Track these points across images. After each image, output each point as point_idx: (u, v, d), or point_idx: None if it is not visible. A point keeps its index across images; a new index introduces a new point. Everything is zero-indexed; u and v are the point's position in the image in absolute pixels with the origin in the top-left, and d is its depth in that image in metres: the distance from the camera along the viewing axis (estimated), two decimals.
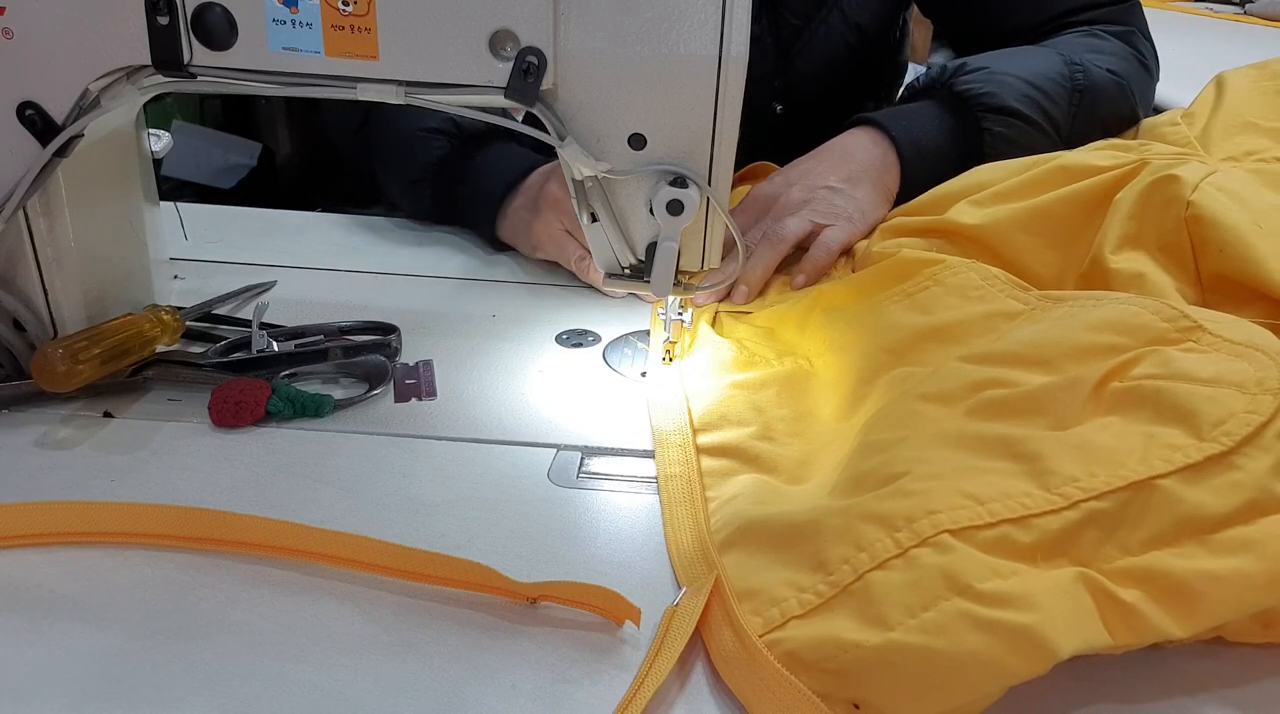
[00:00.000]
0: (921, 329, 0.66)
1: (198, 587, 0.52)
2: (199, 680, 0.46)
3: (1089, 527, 0.47)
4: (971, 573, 0.45)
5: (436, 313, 0.82)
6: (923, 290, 0.70)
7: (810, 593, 0.48)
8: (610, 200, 0.64)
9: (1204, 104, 0.88)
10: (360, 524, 0.56)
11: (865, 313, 0.72)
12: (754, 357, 0.73)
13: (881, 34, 1.12)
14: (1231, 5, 2.03)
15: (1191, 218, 0.68)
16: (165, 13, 0.59)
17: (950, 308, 0.67)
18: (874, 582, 0.46)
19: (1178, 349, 0.54)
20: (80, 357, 0.64)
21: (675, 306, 0.73)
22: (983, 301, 0.66)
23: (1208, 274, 0.68)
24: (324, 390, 0.69)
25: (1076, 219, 0.74)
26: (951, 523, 0.47)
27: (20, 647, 0.48)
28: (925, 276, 0.71)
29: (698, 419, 0.65)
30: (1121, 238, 0.71)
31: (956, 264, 0.71)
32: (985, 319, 0.65)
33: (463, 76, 0.60)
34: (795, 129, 1.06)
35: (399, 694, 0.46)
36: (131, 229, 0.75)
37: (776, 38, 1.06)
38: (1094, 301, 0.61)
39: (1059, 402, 0.54)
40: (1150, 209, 0.70)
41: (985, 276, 0.68)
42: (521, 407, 0.69)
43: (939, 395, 0.58)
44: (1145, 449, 0.49)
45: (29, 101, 0.62)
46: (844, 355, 0.70)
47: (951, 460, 0.52)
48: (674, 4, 0.58)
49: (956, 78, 0.90)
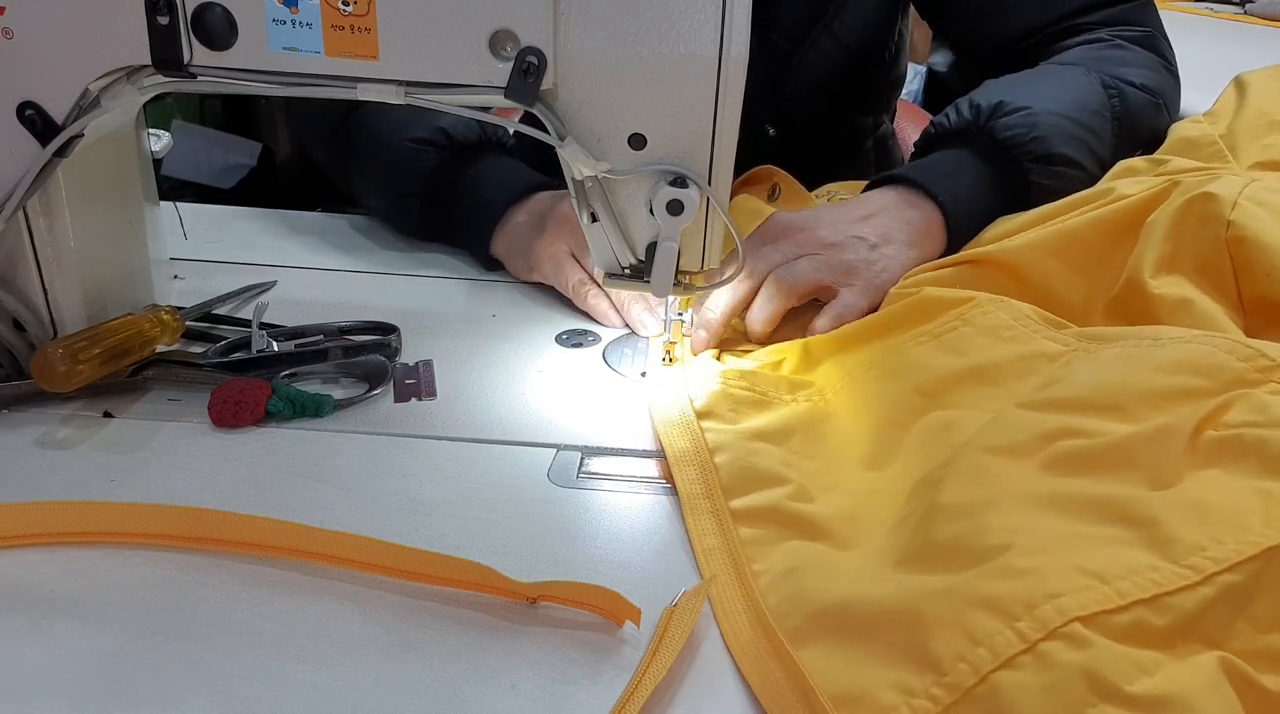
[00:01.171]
0: (956, 371, 0.62)
1: (198, 587, 0.52)
2: (199, 680, 0.46)
3: (1222, 603, 0.42)
4: (1116, 671, 0.40)
5: (436, 313, 0.82)
6: (950, 331, 0.66)
7: (924, 698, 0.42)
8: (610, 200, 0.64)
9: (1226, 105, 0.85)
10: (360, 524, 0.56)
11: (886, 353, 0.67)
12: (765, 396, 0.67)
13: (874, 52, 1.08)
14: (1231, 5, 2.03)
15: (1234, 239, 0.64)
16: (165, 13, 0.59)
17: (983, 349, 0.63)
18: (1003, 685, 0.40)
19: (1265, 391, 0.50)
20: (80, 357, 0.64)
21: (675, 307, 0.72)
22: (1016, 342, 0.63)
23: (1251, 297, 0.64)
24: (324, 390, 0.69)
25: (1104, 242, 0.70)
26: (1080, 609, 0.41)
27: (20, 647, 0.48)
28: (952, 316, 0.67)
29: (723, 478, 0.59)
30: (1159, 261, 0.66)
31: (985, 302, 0.66)
32: (1023, 361, 0.61)
33: (463, 76, 0.60)
34: (789, 152, 1.03)
35: (399, 694, 0.46)
36: (131, 229, 0.75)
37: (766, 61, 1.02)
38: (1152, 341, 0.57)
39: (1149, 453, 0.49)
40: (1186, 229, 0.66)
41: (1016, 316, 0.65)
42: (521, 407, 0.69)
43: (1008, 448, 0.52)
44: (1266, 509, 0.44)
45: (29, 101, 0.62)
46: (866, 393, 0.65)
47: (1055, 528, 0.46)
48: (674, 4, 0.58)
49: (995, 120, 0.81)
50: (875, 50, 1.08)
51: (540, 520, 0.58)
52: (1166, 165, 0.76)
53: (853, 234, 0.78)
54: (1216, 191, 0.66)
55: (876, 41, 1.08)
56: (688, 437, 0.62)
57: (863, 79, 1.09)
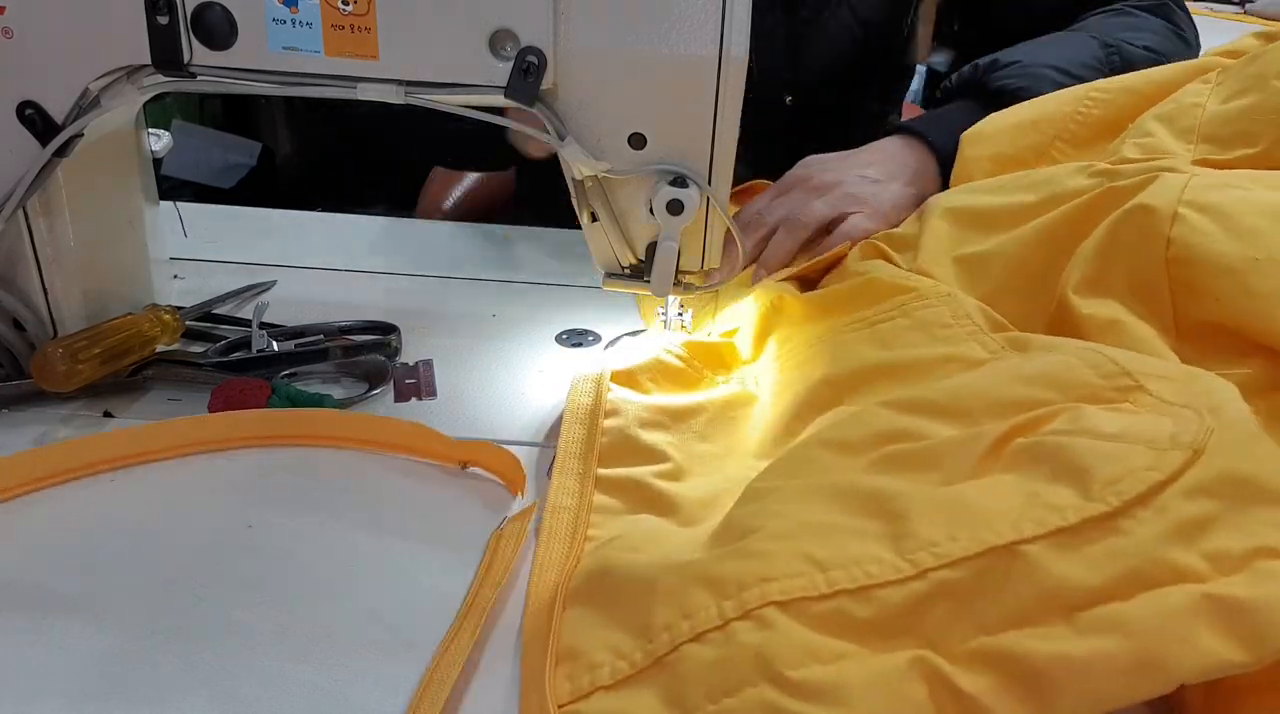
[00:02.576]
0: (872, 365, 0.61)
1: (198, 586, 0.52)
2: (199, 680, 0.46)
3: (939, 600, 0.41)
4: (786, 657, 0.40)
5: (436, 313, 0.82)
6: (886, 320, 0.64)
7: (625, 661, 0.43)
8: (610, 200, 0.64)
9: None
10: (360, 523, 0.56)
11: (825, 337, 0.66)
12: (698, 373, 0.68)
13: (887, 30, 1.12)
14: (1231, 5, 2.03)
15: (1175, 259, 0.57)
16: (165, 12, 0.59)
17: (910, 345, 0.61)
18: (687, 656, 0.42)
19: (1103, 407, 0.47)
20: (80, 356, 0.64)
21: (675, 306, 0.72)
22: (946, 342, 0.60)
23: (1189, 322, 0.57)
24: (324, 390, 0.69)
25: (1040, 260, 0.65)
26: (781, 593, 0.42)
27: (20, 647, 0.48)
28: (893, 305, 0.65)
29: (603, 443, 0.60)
30: (1084, 280, 0.61)
31: (929, 294, 0.64)
32: (942, 363, 0.58)
33: (463, 76, 0.60)
34: (805, 121, 1.07)
35: (399, 694, 0.46)
36: (131, 229, 0.75)
37: (789, 29, 1.06)
38: (1045, 350, 0.55)
39: (953, 456, 0.48)
40: (1120, 246, 0.60)
41: (957, 314, 0.62)
42: (521, 406, 0.69)
43: (842, 442, 0.52)
44: (1022, 510, 0.41)
45: (29, 101, 0.62)
46: (786, 379, 0.65)
47: (811, 517, 0.46)
48: (674, 4, 0.58)
49: (990, 75, 0.87)
50: (890, 28, 1.12)
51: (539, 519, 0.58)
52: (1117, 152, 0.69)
53: (856, 173, 0.83)
54: (1151, 202, 0.59)
55: (889, 21, 1.11)
56: (592, 394, 0.63)
57: (876, 56, 1.13)
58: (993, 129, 0.79)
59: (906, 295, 0.65)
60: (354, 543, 0.56)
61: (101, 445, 0.61)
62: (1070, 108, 0.77)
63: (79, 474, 0.60)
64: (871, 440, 0.51)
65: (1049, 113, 0.78)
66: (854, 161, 0.85)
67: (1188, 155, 0.66)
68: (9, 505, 0.57)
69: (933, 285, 0.65)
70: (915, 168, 0.85)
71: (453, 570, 0.53)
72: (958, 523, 0.42)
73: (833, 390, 0.61)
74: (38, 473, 0.59)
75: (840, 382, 0.61)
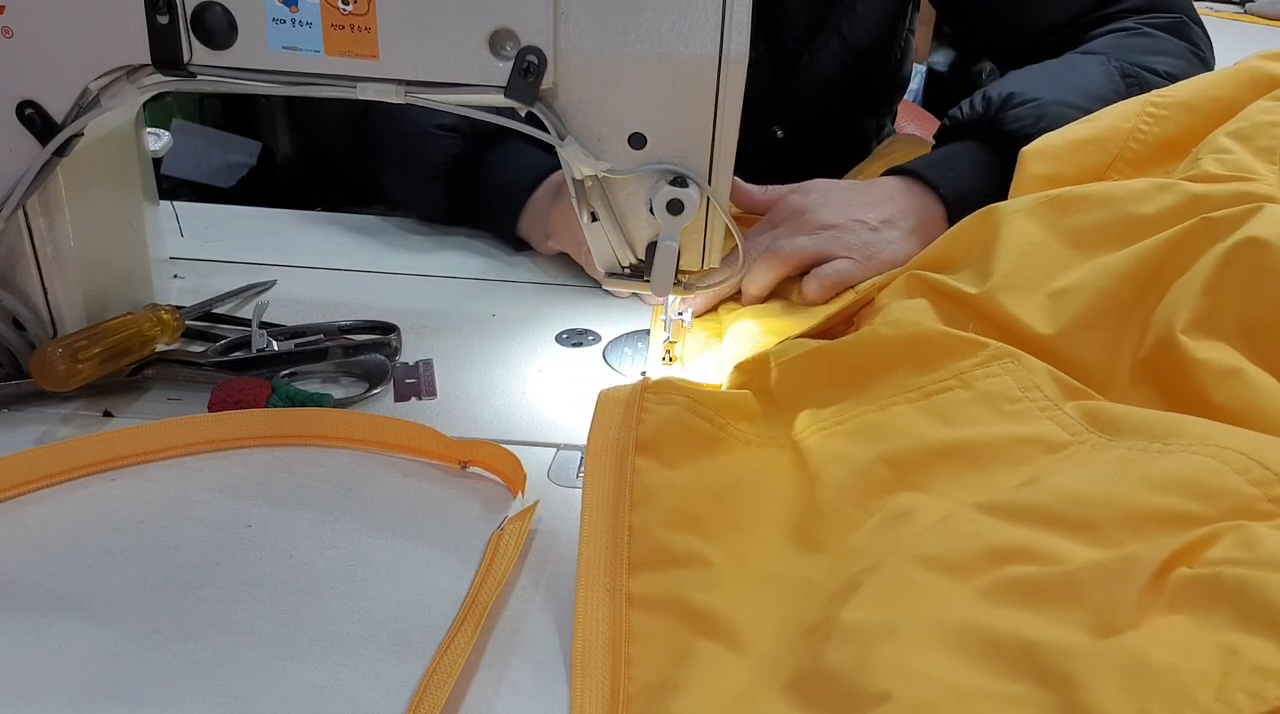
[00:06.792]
0: (937, 444, 0.54)
1: (197, 586, 0.52)
2: (198, 680, 0.46)
3: None
4: None
5: (436, 313, 0.82)
6: (944, 391, 0.57)
7: None
8: (610, 200, 0.64)
9: None
10: (360, 523, 0.56)
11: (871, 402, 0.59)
12: (724, 431, 0.59)
13: (881, 54, 1.08)
14: (1232, 5, 2.03)
15: None
16: (165, 12, 0.59)
17: (975, 421, 0.54)
18: None
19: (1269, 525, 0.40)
20: (80, 356, 0.64)
21: (675, 306, 0.72)
22: (1016, 420, 0.54)
23: None
24: (324, 390, 0.69)
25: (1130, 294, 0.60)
26: None
27: (20, 647, 0.48)
28: (950, 373, 0.58)
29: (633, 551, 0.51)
30: (1194, 319, 0.55)
31: (992, 360, 0.58)
32: (1018, 445, 0.52)
33: (463, 76, 0.60)
34: (798, 154, 1.03)
35: (399, 694, 0.46)
36: (131, 228, 0.75)
37: (774, 62, 1.03)
38: (1160, 445, 0.48)
39: (1103, 589, 0.41)
40: (1229, 284, 0.55)
41: (1024, 385, 0.55)
42: (521, 406, 0.69)
43: (946, 561, 0.44)
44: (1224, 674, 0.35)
45: (29, 101, 0.62)
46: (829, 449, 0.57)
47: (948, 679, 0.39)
48: (674, 4, 0.58)
49: (1005, 113, 0.81)
50: (883, 51, 1.09)
51: (540, 520, 0.58)
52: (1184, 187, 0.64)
53: (855, 217, 0.79)
54: (1261, 235, 0.54)
55: (884, 43, 1.08)
56: (614, 475, 0.54)
57: (870, 80, 1.10)
58: (1053, 147, 0.74)
59: (967, 360, 0.58)
60: (354, 543, 0.56)
61: (101, 445, 0.61)
62: (1130, 124, 0.73)
63: (79, 474, 0.60)
64: (983, 559, 0.44)
65: (1109, 129, 0.74)
66: (857, 202, 0.80)
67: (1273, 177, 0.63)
68: (9, 505, 0.58)
69: (992, 349, 0.59)
70: (920, 218, 0.81)
71: (453, 570, 0.53)
72: (1144, 692, 0.36)
73: (893, 472, 0.54)
74: (38, 473, 0.59)
75: (901, 462, 0.54)
